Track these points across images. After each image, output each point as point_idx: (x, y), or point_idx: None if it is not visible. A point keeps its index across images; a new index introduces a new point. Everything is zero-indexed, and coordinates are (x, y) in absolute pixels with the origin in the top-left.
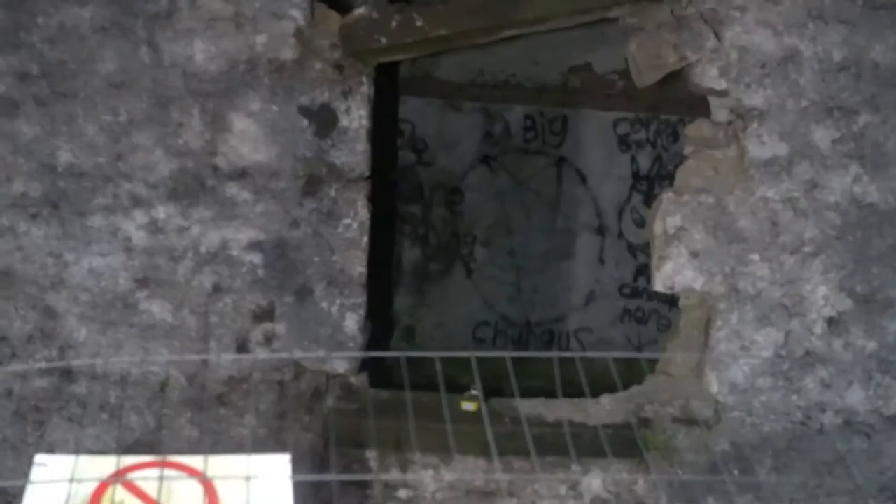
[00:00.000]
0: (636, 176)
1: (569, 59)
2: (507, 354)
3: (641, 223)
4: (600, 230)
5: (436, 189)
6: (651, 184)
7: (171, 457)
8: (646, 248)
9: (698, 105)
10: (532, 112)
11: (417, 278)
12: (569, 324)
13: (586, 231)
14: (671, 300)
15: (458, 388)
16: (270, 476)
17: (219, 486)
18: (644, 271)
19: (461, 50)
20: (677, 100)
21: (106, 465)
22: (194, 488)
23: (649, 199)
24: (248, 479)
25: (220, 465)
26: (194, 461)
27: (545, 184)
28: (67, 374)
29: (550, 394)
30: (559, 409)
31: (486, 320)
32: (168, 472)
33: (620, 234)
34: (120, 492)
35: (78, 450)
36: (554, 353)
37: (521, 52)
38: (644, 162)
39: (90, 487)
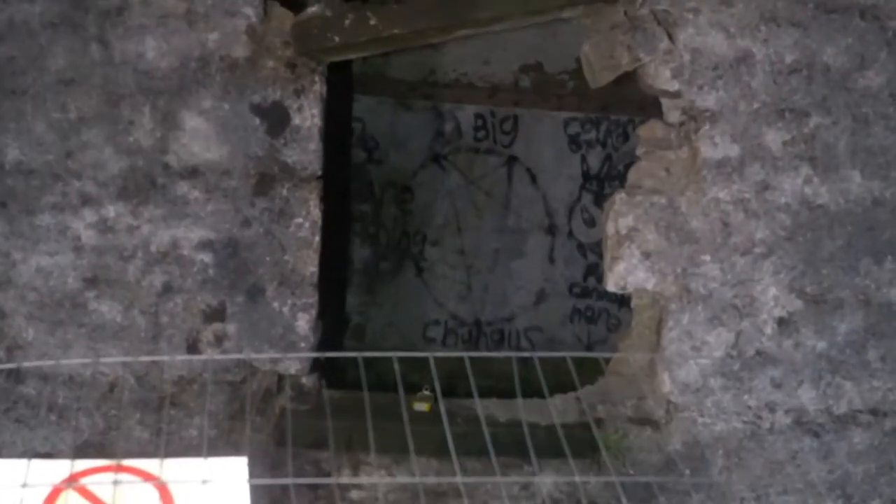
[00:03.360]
0: (586, 176)
1: (520, 59)
2: (465, 354)
3: (591, 223)
4: (550, 229)
5: (386, 188)
6: (601, 183)
7: (125, 461)
8: (595, 247)
9: (649, 106)
10: (483, 111)
11: (368, 277)
12: (519, 323)
13: (536, 230)
14: (621, 300)
15: (409, 387)
16: (227, 479)
17: (174, 490)
18: (594, 271)
19: (413, 49)
20: (628, 100)
21: (59, 469)
22: (149, 492)
23: (599, 198)
24: (204, 482)
25: (176, 469)
26: (149, 465)
27: (496, 183)
28: (15, 375)
29: (502, 393)
30: (512, 409)
31: (436, 319)
32: (122, 476)
33: (570, 234)
34: (73, 497)
35: (26, 452)
36: (512, 353)
37: (472, 52)
38: (594, 162)
39: (43, 492)
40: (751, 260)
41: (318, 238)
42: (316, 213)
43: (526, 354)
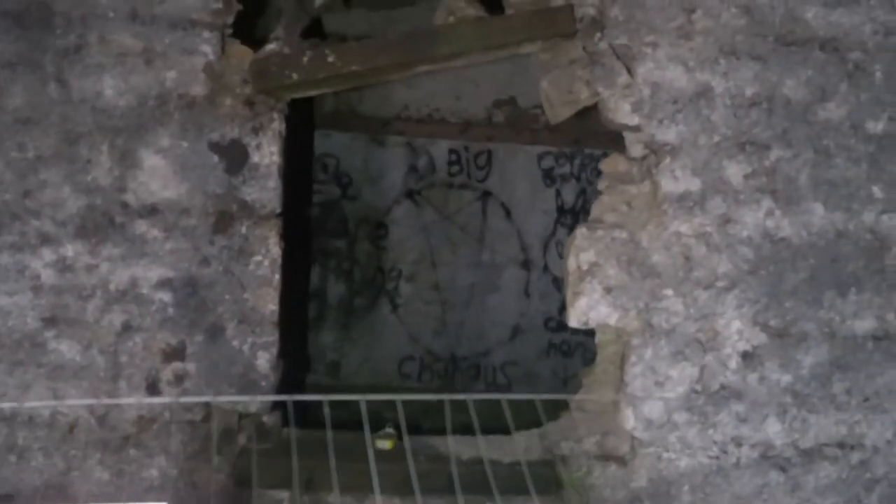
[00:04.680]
0: (561, 210)
1: (493, 94)
2: (432, 398)
3: None
4: (525, 264)
5: (360, 223)
6: (576, 217)
7: None
8: None
9: (620, 140)
10: (457, 146)
11: (342, 313)
12: (495, 358)
13: (512, 265)
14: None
15: (381, 423)
16: None
17: None
18: None
19: (382, 84)
20: (601, 134)
21: None
22: None
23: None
24: None
25: None
26: None
27: (470, 218)
28: None
29: (480, 427)
30: (474, 447)
31: (411, 355)
32: None
33: (546, 268)
34: None
35: None
36: (476, 395)
37: (444, 87)
38: (568, 196)
39: None
40: (714, 294)
41: (278, 276)
42: (276, 250)
43: (496, 396)
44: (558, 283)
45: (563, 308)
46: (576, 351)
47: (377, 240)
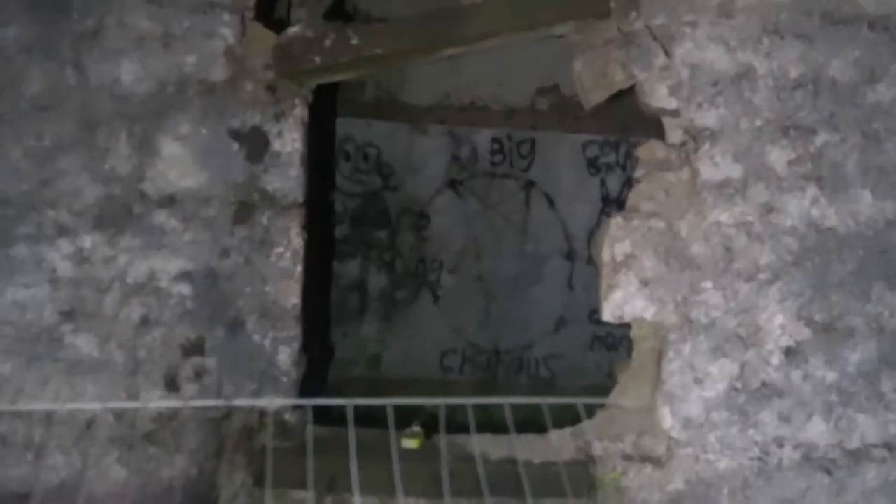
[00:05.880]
0: (606, 199)
1: (536, 81)
2: (467, 401)
3: None
4: (569, 255)
5: (402, 214)
6: (621, 207)
7: None
8: None
9: (662, 126)
10: (499, 135)
11: (384, 305)
12: (538, 350)
13: (555, 255)
14: None
15: (419, 417)
16: None
17: None
18: None
19: (422, 71)
20: (647, 121)
21: None
22: None
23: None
24: None
25: None
26: None
27: (513, 208)
28: None
29: (519, 424)
30: (504, 447)
31: (453, 347)
32: None
33: (590, 259)
34: None
35: (1, 493)
36: (511, 399)
37: (487, 74)
38: (613, 185)
39: None
40: (755, 286)
41: (300, 268)
42: (298, 241)
43: (535, 400)
44: None
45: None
46: (620, 344)
47: (419, 230)
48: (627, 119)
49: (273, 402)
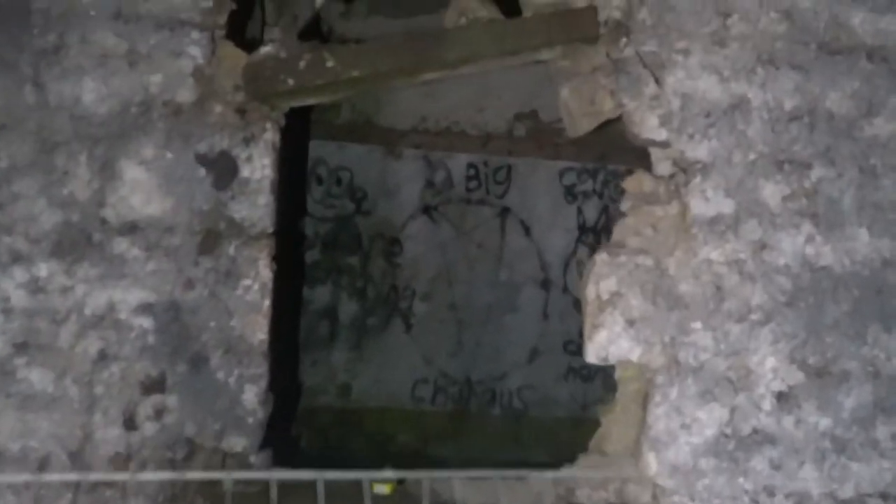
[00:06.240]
0: (582, 228)
1: (514, 107)
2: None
3: None
4: (545, 284)
5: (374, 239)
6: (598, 236)
7: None
8: None
9: (647, 156)
10: (475, 160)
11: (355, 333)
12: (511, 381)
13: (530, 284)
14: None
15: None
16: None
17: None
18: None
19: (398, 94)
20: (626, 149)
21: None
22: None
23: (596, 251)
24: None
25: None
26: None
27: (488, 235)
28: None
29: (492, 456)
30: (483, 492)
31: (425, 377)
32: None
33: (565, 288)
34: None
35: None
36: (461, 474)
37: (465, 99)
38: (591, 213)
39: None
40: (747, 327)
41: (268, 302)
42: (266, 273)
43: (487, 475)
44: (579, 305)
45: (583, 331)
46: (596, 376)
47: (391, 257)
48: (606, 147)
49: (230, 474)
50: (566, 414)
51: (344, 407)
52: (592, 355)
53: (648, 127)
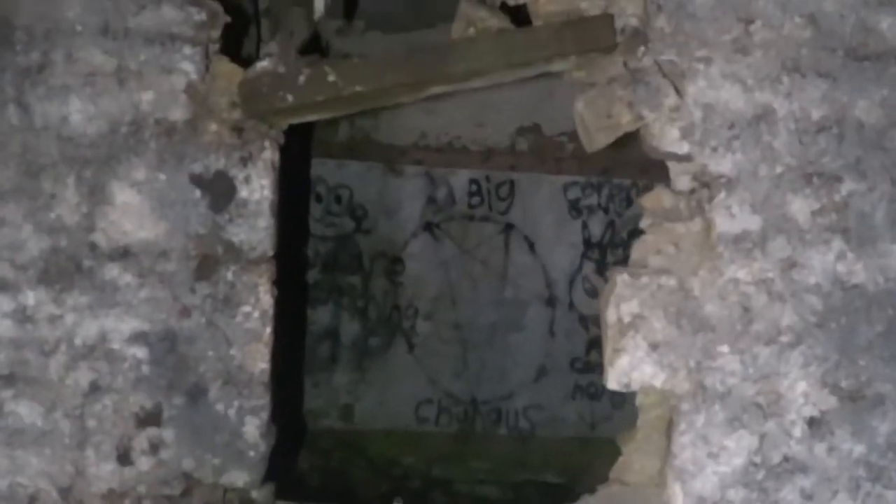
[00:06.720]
0: (588, 243)
1: (516, 121)
2: None
3: (594, 293)
4: (550, 301)
5: (376, 258)
6: (603, 251)
7: None
8: (599, 319)
9: (653, 168)
10: (478, 176)
11: (356, 353)
12: (517, 401)
13: (536, 302)
14: None
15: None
16: None
17: None
18: (597, 344)
19: (398, 110)
20: (631, 163)
21: None
22: None
23: (602, 267)
24: None
25: None
26: None
27: (492, 252)
28: None
29: (500, 477)
30: None
31: (429, 398)
32: None
33: (571, 305)
34: None
35: None
36: None
37: (465, 114)
38: (596, 228)
39: None
40: (776, 350)
41: (269, 329)
42: (267, 299)
43: None
44: (585, 322)
45: (590, 347)
46: (603, 394)
47: (393, 276)
48: (610, 160)
49: None
50: (574, 433)
51: (346, 429)
52: (614, 382)
53: (669, 140)
